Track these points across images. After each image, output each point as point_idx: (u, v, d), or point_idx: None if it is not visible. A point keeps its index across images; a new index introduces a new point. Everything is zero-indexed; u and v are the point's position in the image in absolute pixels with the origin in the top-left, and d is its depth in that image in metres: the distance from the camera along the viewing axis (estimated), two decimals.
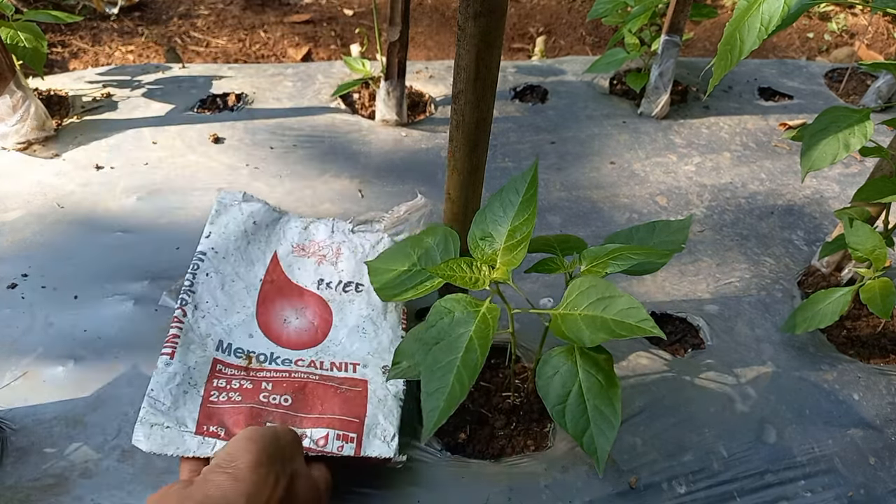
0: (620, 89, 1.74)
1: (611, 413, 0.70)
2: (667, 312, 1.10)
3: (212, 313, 0.74)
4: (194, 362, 0.70)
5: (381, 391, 0.73)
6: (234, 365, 0.72)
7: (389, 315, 0.79)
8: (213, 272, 0.76)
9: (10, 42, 1.26)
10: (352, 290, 0.79)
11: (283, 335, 0.75)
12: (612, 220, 1.31)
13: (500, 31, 0.73)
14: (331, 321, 0.77)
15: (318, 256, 0.80)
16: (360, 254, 0.81)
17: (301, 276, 0.79)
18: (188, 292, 0.74)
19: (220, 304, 0.75)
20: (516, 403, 0.90)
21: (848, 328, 1.09)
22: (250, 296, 0.77)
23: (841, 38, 2.26)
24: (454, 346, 0.66)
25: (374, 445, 0.69)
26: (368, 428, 0.69)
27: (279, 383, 0.71)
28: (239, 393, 0.69)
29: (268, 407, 0.68)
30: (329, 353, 0.75)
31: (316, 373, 0.72)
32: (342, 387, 0.71)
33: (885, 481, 0.87)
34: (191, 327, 0.72)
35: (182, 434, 0.65)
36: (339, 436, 0.67)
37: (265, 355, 0.74)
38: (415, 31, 2.11)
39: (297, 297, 0.78)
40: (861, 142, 0.83)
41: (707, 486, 0.85)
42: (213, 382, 0.69)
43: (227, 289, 0.76)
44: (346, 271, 0.80)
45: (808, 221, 1.34)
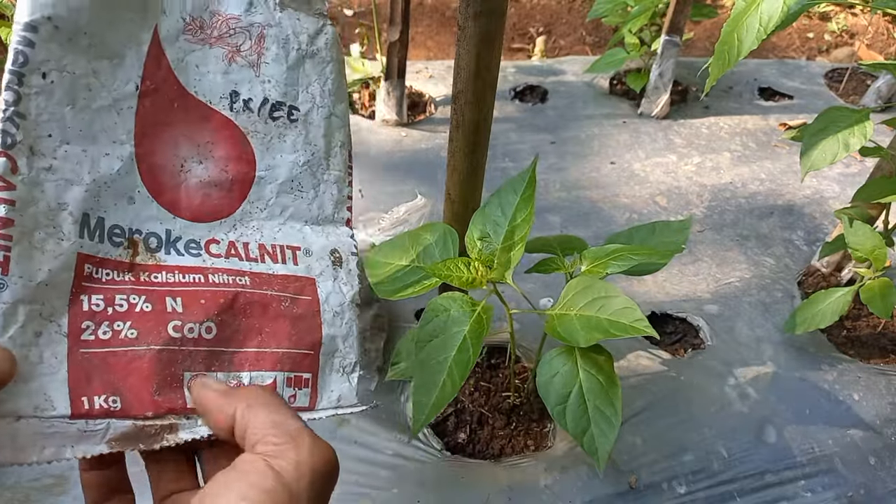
0: (620, 89, 1.74)
1: (611, 413, 0.70)
2: (667, 312, 1.10)
3: (62, 160, 0.38)
4: (47, 270, 0.36)
5: (336, 296, 0.47)
6: (111, 262, 0.40)
7: (333, 161, 0.51)
8: (55, 71, 0.37)
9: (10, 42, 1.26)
10: (282, 117, 0.48)
11: (181, 195, 0.44)
12: (612, 220, 1.31)
13: (500, 31, 0.73)
14: (253, 169, 0.47)
15: (229, 47, 0.46)
16: (294, 51, 0.48)
17: (202, 80, 0.45)
18: (14, 118, 0.35)
19: (72, 138, 0.39)
20: (516, 403, 0.90)
21: (848, 328, 1.09)
22: (122, 120, 0.41)
23: (841, 38, 2.26)
24: (448, 344, 0.67)
25: (333, 382, 0.46)
26: (324, 359, 0.46)
27: (192, 296, 0.42)
28: (131, 321, 0.39)
29: (183, 345, 0.40)
30: (252, 225, 0.47)
31: (243, 270, 0.45)
32: (285, 295, 0.45)
33: (885, 481, 0.87)
34: (30, 194, 0.36)
35: (48, 423, 0.36)
36: (291, 380, 0.44)
37: (157, 237, 0.43)
38: (415, 31, 2.11)
39: (197, 123, 0.45)
40: (861, 142, 0.83)
41: (707, 486, 0.85)
42: (82, 303, 0.38)
43: (83, 107, 0.39)
44: (274, 82, 0.47)
45: (808, 221, 1.34)
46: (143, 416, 0.38)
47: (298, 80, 0.49)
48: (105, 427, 0.37)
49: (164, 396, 0.39)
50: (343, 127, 0.52)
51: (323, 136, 0.51)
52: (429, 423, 0.89)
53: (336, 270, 0.50)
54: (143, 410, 0.38)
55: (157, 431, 0.38)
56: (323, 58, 0.49)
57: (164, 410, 0.39)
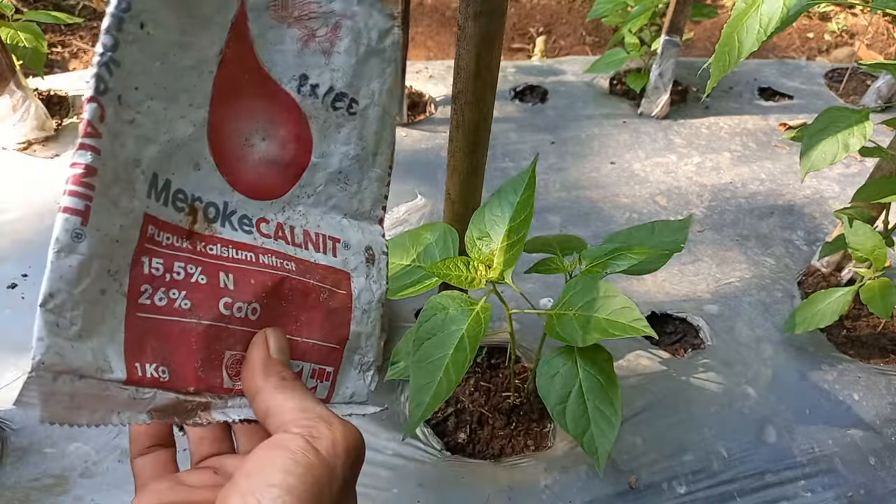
0: (620, 89, 1.74)
1: (611, 413, 0.70)
2: (667, 312, 1.10)
3: (145, 116, 0.37)
4: (119, 227, 0.35)
5: (366, 294, 0.47)
6: (171, 226, 0.39)
7: (379, 158, 0.50)
8: (152, 22, 0.36)
9: (10, 42, 1.26)
10: (343, 109, 0.47)
11: (242, 169, 0.43)
12: (612, 220, 1.31)
13: (500, 31, 0.73)
14: (309, 154, 0.47)
15: (306, 30, 0.45)
16: (363, 46, 0.47)
17: (276, 58, 0.44)
18: (110, 64, 0.33)
19: (158, 94, 0.37)
20: (516, 403, 0.90)
21: (848, 328, 1.09)
22: (202, 83, 0.40)
23: (841, 38, 2.26)
24: (446, 342, 0.67)
25: (349, 379, 0.46)
26: (347, 355, 0.45)
27: (243, 274, 0.41)
28: (186, 292, 0.38)
29: (230, 324, 0.40)
30: (299, 211, 0.46)
31: (289, 255, 0.44)
32: (324, 287, 0.45)
33: (885, 481, 0.87)
34: (111, 147, 0.34)
35: (104, 385, 0.35)
36: (315, 372, 0.44)
37: (216, 207, 0.42)
38: (415, 31, 2.11)
39: (266, 100, 0.44)
40: (860, 142, 0.83)
41: (707, 486, 0.85)
42: (143, 265, 0.37)
43: (172, 64, 0.38)
44: (342, 72, 0.46)
45: (808, 221, 1.34)
46: (185, 390, 0.38)
47: (363, 75, 0.49)
48: (152, 396, 0.37)
49: (207, 373, 0.39)
50: (392, 128, 0.51)
51: (374, 133, 0.50)
52: (429, 423, 0.89)
53: (369, 268, 0.49)
54: (187, 385, 0.38)
55: (192, 408, 0.38)
56: (387, 57, 0.49)
57: (204, 387, 0.39)
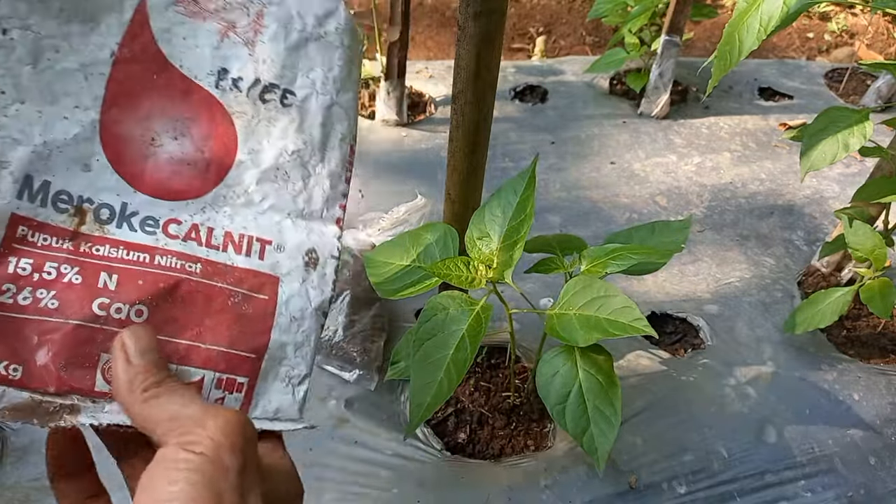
0: (620, 89, 1.74)
1: (611, 413, 0.70)
2: (667, 312, 1.10)
3: (13, 119, 0.37)
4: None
5: (298, 300, 0.44)
6: (50, 227, 0.39)
7: (329, 153, 0.47)
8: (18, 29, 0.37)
9: None
10: (274, 101, 0.45)
11: (147, 168, 0.42)
12: (612, 220, 1.31)
13: (500, 31, 0.73)
14: (234, 152, 0.45)
15: (223, 23, 0.43)
16: (296, 32, 0.45)
17: (188, 54, 0.43)
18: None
19: (29, 98, 0.38)
20: (516, 403, 0.90)
21: (848, 328, 1.09)
22: (90, 85, 0.40)
23: (841, 38, 2.26)
24: (446, 342, 0.67)
25: (273, 391, 0.43)
26: (268, 365, 0.43)
27: (130, 275, 0.40)
28: (55, 291, 0.38)
29: (106, 324, 0.38)
30: (224, 211, 0.44)
31: (198, 256, 0.42)
32: (237, 290, 0.43)
33: (885, 481, 0.87)
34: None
35: None
36: (221, 381, 0.41)
37: (111, 209, 0.40)
38: (415, 31, 2.11)
39: (178, 97, 0.43)
40: (860, 142, 0.83)
41: (707, 486, 0.85)
42: (9, 264, 0.37)
43: (46, 68, 0.38)
44: (270, 62, 0.44)
45: (808, 221, 1.34)
46: (42, 390, 0.37)
47: (298, 63, 0.45)
48: (0, 393, 0.36)
49: (72, 374, 0.37)
50: (346, 120, 0.48)
51: (320, 126, 0.47)
52: (429, 423, 0.89)
53: (308, 272, 0.45)
54: (44, 385, 0.37)
55: (55, 409, 0.37)
56: (331, 42, 0.46)
57: (67, 389, 0.37)
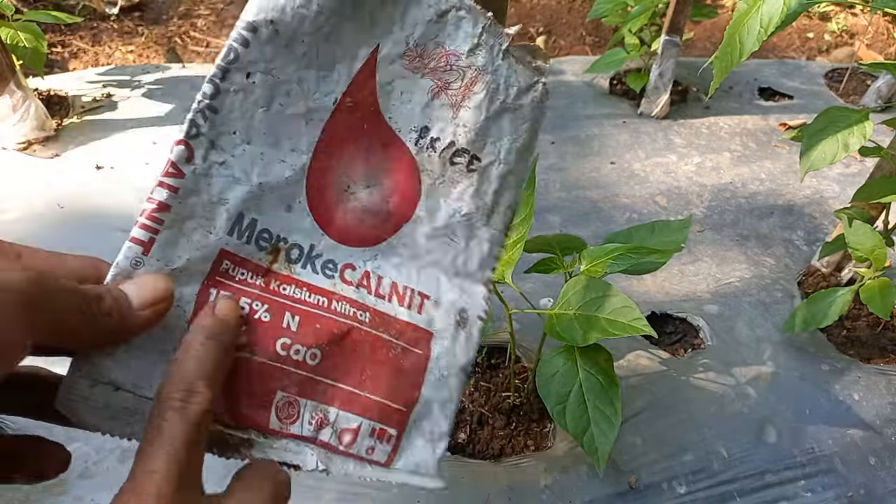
0: (620, 89, 1.74)
1: (611, 413, 0.70)
2: (667, 312, 1.10)
3: (238, 159, 0.39)
4: (186, 259, 0.37)
5: (447, 359, 0.45)
6: (250, 263, 0.40)
7: (495, 219, 0.48)
8: (261, 73, 0.38)
9: (10, 42, 1.26)
10: (461, 165, 0.46)
11: (338, 215, 0.43)
12: (612, 220, 1.31)
13: None
14: (414, 207, 0.45)
15: (440, 82, 0.44)
16: (497, 102, 0.45)
17: (400, 109, 0.43)
18: (206, 111, 0.37)
19: (255, 140, 0.39)
20: (516, 403, 0.90)
21: (848, 328, 1.09)
22: (309, 131, 0.41)
23: (841, 38, 2.26)
24: None
25: (416, 447, 0.44)
26: (414, 420, 0.44)
27: (310, 318, 0.41)
28: (246, 327, 0.39)
29: (285, 364, 0.39)
30: (394, 262, 0.45)
31: (367, 305, 0.43)
32: (398, 343, 0.44)
33: (885, 481, 0.87)
34: (195, 185, 0.37)
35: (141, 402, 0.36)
36: (375, 431, 0.42)
37: (300, 249, 0.42)
38: None
39: (379, 150, 0.44)
40: (860, 142, 0.83)
41: (707, 486, 0.85)
42: (210, 295, 0.38)
43: (276, 112, 0.39)
44: (468, 129, 0.45)
45: (808, 221, 1.34)
46: (224, 422, 0.38)
47: (491, 132, 0.47)
48: None
49: (253, 410, 0.38)
50: (516, 188, 0.49)
51: (493, 193, 0.48)
52: None
53: (458, 331, 0.47)
54: (228, 418, 0.38)
55: (235, 443, 0.38)
56: (524, 115, 0.48)
57: (248, 424, 0.38)
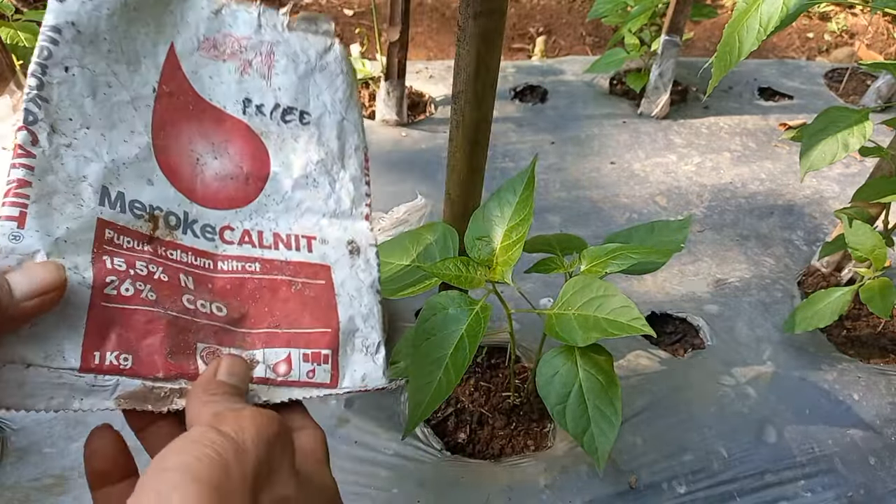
0: (620, 89, 1.74)
1: (611, 413, 0.70)
2: (667, 312, 1.10)
3: (82, 140, 0.43)
4: (65, 228, 0.40)
5: (352, 282, 0.50)
6: (132, 231, 0.43)
7: (348, 161, 0.55)
8: (77, 67, 0.43)
9: (10, 42, 1.26)
10: (294, 121, 0.53)
11: (197, 184, 0.48)
12: (612, 220, 1.31)
13: (500, 31, 0.73)
14: (267, 165, 0.52)
15: (241, 61, 0.52)
16: (302, 64, 0.54)
17: (216, 89, 0.51)
18: (37, 100, 0.41)
19: (93, 124, 0.44)
20: (516, 403, 0.90)
21: (848, 328, 1.09)
22: (140, 115, 0.47)
23: (841, 38, 2.26)
24: (445, 342, 0.67)
25: (356, 362, 0.48)
26: (344, 338, 0.48)
27: (202, 279, 0.45)
28: (151, 286, 0.42)
29: (196, 317, 0.43)
30: (268, 216, 0.51)
31: (254, 256, 0.49)
32: (296, 280, 0.49)
33: (885, 481, 0.87)
34: (49, 164, 0.41)
35: (57, 374, 0.37)
36: (308, 356, 0.46)
37: (176, 216, 0.46)
38: (415, 31, 2.11)
39: (212, 124, 0.50)
40: (860, 142, 0.83)
41: (707, 486, 0.85)
42: (105, 262, 0.40)
43: (103, 100, 0.45)
44: (285, 90, 0.53)
45: (808, 221, 1.34)
46: (153, 376, 0.40)
47: (309, 90, 0.55)
48: (114, 384, 0.39)
49: (177, 361, 0.41)
50: (356, 132, 0.56)
51: (336, 139, 0.55)
52: (429, 423, 0.89)
53: (353, 258, 0.52)
54: (154, 371, 0.40)
55: (166, 394, 0.40)
56: (332, 71, 0.55)
57: (175, 374, 0.40)
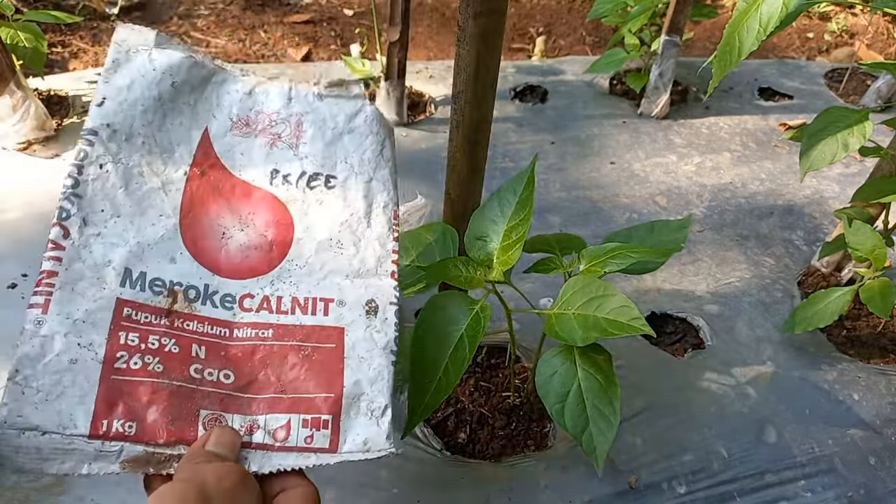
0: (620, 89, 1.74)
1: (610, 413, 0.70)
2: (667, 312, 1.10)
3: (111, 228, 0.47)
4: (84, 310, 0.44)
5: (364, 343, 0.51)
6: (149, 307, 0.47)
7: (375, 220, 0.56)
8: (111, 163, 0.48)
9: (10, 42, 1.26)
10: (319, 186, 0.55)
11: (221, 257, 0.51)
12: (612, 219, 1.31)
13: (500, 31, 0.72)
14: (291, 231, 0.54)
15: (271, 136, 0.54)
16: (330, 131, 0.55)
17: (246, 165, 0.54)
18: (71, 198, 0.45)
19: (123, 212, 0.48)
20: (516, 403, 0.90)
21: (848, 328, 1.09)
22: (170, 199, 0.50)
23: (841, 38, 2.26)
24: (445, 342, 0.67)
25: (359, 426, 0.48)
26: (348, 402, 0.48)
27: (215, 348, 0.48)
28: (159, 358, 0.45)
29: (201, 386, 0.46)
30: (290, 281, 0.52)
31: (269, 323, 0.50)
32: (305, 345, 0.50)
33: (885, 481, 0.87)
34: (77, 254, 0.45)
35: (69, 440, 0.41)
36: (307, 421, 0.47)
37: (196, 290, 0.49)
38: (415, 31, 2.11)
39: (241, 199, 0.53)
40: (860, 142, 0.83)
41: (707, 486, 0.85)
42: (120, 337, 0.44)
43: (134, 189, 0.49)
44: (312, 157, 0.55)
45: (808, 221, 1.34)
46: (154, 442, 0.43)
47: (336, 153, 0.57)
48: (119, 450, 0.43)
49: (177, 427, 0.44)
50: (385, 190, 0.58)
51: (363, 198, 0.57)
52: (429, 423, 0.89)
53: (370, 319, 0.55)
54: (156, 438, 0.43)
55: (166, 459, 0.43)
56: (362, 132, 0.57)
57: (175, 440, 0.44)
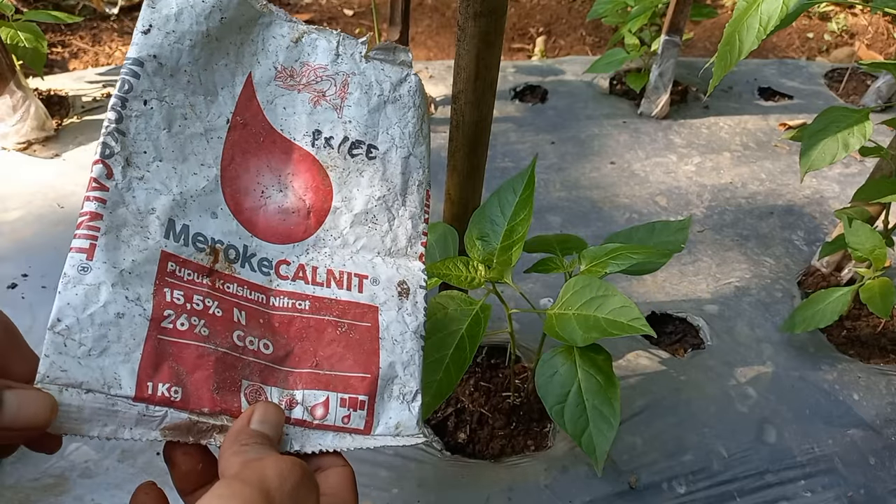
0: (620, 89, 1.74)
1: (609, 413, 0.70)
2: (667, 312, 1.10)
3: (154, 174, 0.44)
4: (131, 261, 0.41)
5: (397, 325, 0.49)
6: (193, 264, 0.44)
7: (409, 198, 0.53)
8: (156, 100, 0.44)
9: (10, 42, 1.27)
10: (361, 155, 0.52)
11: (259, 217, 0.48)
12: (612, 220, 1.31)
13: (500, 31, 0.73)
14: (330, 200, 0.51)
15: (315, 92, 0.51)
16: (375, 97, 0.53)
17: (288, 120, 0.51)
18: (115, 133, 0.42)
19: (165, 157, 0.45)
20: (516, 403, 0.90)
21: (848, 328, 1.09)
22: (211, 147, 0.47)
23: (841, 38, 2.26)
24: (446, 342, 0.67)
25: (391, 409, 0.47)
26: (383, 384, 0.47)
27: (254, 314, 0.46)
28: (205, 321, 0.43)
29: (244, 354, 0.44)
30: (325, 252, 0.50)
31: (306, 294, 0.48)
32: (343, 321, 0.48)
33: (884, 481, 0.87)
34: (121, 197, 0.42)
35: (112, 401, 0.38)
36: (345, 401, 0.45)
37: (236, 250, 0.47)
38: (415, 31, 2.11)
39: (280, 156, 0.50)
40: (860, 142, 0.83)
41: (707, 486, 0.85)
42: (165, 294, 0.42)
43: (177, 132, 0.46)
44: (356, 123, 0.52)
45: (808, 221, 1.34)
46: (199, 410, 0.41)
47: (379, 122, 0.54)
48: (162, 415, 0.40)
49: (222, 397, 0.42)
50: (422, 168, 0.56)
51: (401, 174, 0.54)
52: (429, 423, 0.89)
53: (402, 301, 0.52)
54: (201, 406, 0.41)
55: (208, 429, 0.41)
56: (405, 103, 0.55)
57: (219, 410, 0.42)
